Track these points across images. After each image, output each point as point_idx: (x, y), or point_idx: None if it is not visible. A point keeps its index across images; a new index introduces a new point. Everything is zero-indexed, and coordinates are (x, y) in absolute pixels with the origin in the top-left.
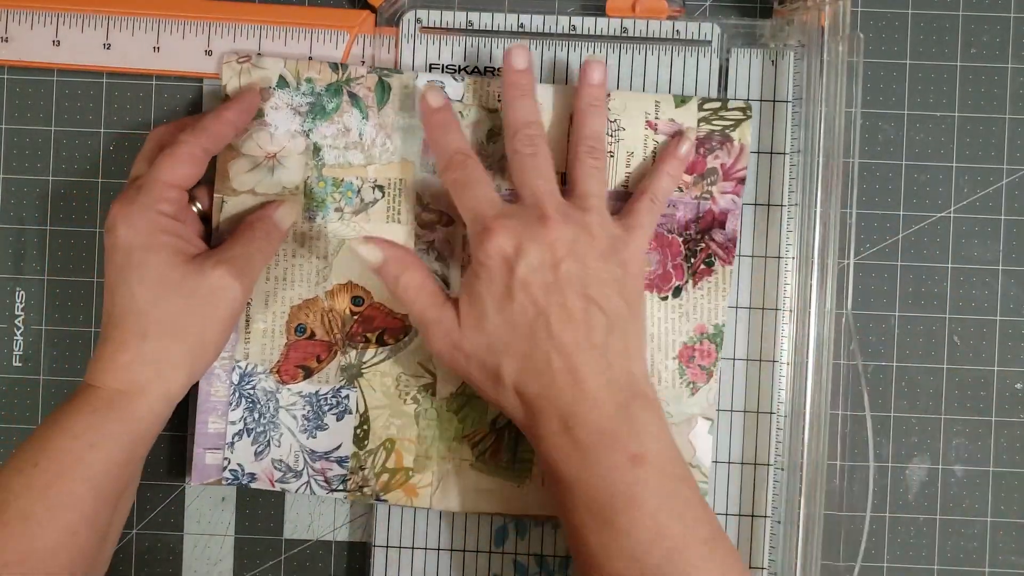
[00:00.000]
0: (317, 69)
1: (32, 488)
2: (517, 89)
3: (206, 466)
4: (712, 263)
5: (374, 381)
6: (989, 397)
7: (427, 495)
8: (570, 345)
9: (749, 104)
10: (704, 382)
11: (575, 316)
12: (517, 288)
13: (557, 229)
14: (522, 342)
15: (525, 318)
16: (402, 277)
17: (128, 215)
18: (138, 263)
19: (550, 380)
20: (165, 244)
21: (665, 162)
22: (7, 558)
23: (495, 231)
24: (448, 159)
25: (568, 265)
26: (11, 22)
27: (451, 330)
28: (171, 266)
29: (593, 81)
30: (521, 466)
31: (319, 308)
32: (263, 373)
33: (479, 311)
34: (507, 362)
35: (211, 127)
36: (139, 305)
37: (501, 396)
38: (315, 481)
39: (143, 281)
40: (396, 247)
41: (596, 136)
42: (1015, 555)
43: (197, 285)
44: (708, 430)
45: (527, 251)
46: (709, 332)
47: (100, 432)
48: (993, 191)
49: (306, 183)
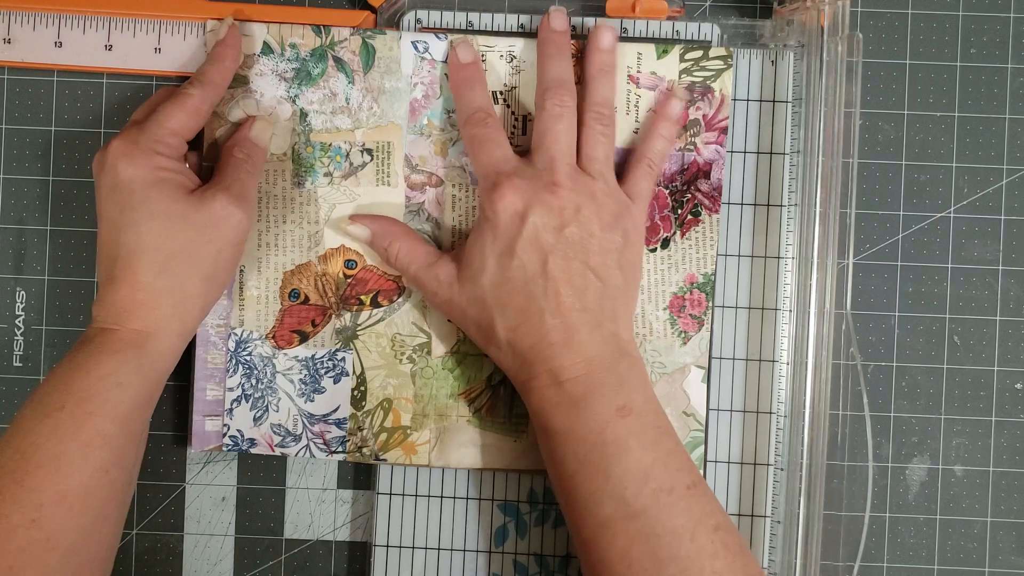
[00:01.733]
0: (300, 34)
1: (61, 430)
2: (554, 46)
3: (206, 433)
4: (699, 213)
5: (370, 343)
6: (989, 397)
7: (425, 452)
8: (565, 306)
9: (731, 52)
10: (695, 331)
11: (573, 280)
12: (521, 246)
13: (565, 195)
14: (518, 297)
15: (523, 275)
16: (391, 247)
17: (130, 153)
18: (143, 199)
19: (542, 336)
20: (168, 179)
21: (657, 125)
22: (43, 499)
23: (506, 189)
24: (470, 114)
25: (572, 230)
26: (14, 24)
27: (446, 284)
28: (176, 200)
29: (603, 46)
30: (518, 421)
31: (312, 273)
32: (259, 339)
33: (479, 264)
34: (500, 316)
35: (216, 79)
36: (150, 240)
37: (494, 348)
38: (314, 444)
39: (152, 216)
40: (381, 220)
41: (605, 102)
42: (1015, 555)
43: (205, 216)
44: (701, 378)
45: (535, 212)
46: (699, 281)
47: (125, 371)
48: (993, 191)
49: (294, 149)
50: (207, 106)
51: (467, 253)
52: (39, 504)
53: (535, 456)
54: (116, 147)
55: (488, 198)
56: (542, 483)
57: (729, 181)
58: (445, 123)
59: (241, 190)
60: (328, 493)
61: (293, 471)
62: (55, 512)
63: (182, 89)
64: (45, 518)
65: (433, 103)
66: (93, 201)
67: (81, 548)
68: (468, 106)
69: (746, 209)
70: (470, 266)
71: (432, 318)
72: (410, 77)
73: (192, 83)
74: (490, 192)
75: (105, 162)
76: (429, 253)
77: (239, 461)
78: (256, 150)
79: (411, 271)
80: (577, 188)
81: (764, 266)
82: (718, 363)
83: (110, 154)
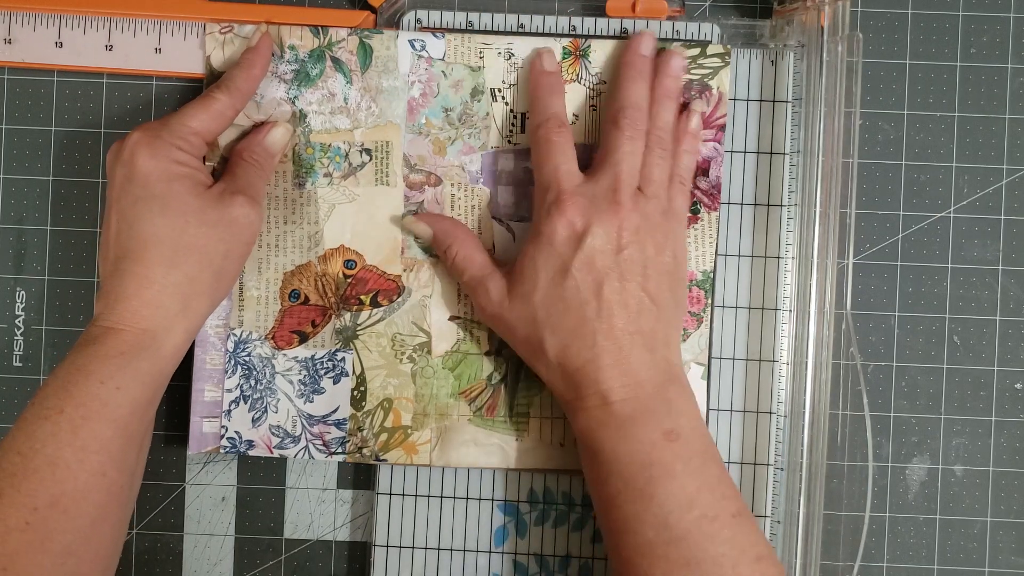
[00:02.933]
0: (299, 35)
1: (59, 434)
2: (636, 70)
3: (203, 434)
4: (698, 210)
5: (370, 342)
6: (989, 397)
7: (426, 452)
8: (618, 328)
9: (729, 49)
10: (695, 328)
11: (628, 303)
12: (576, 266)
13: (626, 216)
14: (570, 318)
15: (578, 296)
16: (451, 248)
17: (151, 145)
18: (160, 193)
19: (593, 357)
20: (186, 175)
21: (682, 142)
22: (37, 502)
23: (568, 206)
24: (544, 120)
25: (630, 252)
26: (14, 24)
27: (496, 300)
28: (193, 195)
29: (672, 72)
30: (518, 420)
31: (312, 273)
32: (258, 340)
33: (531, 282)
34: (551, 335)
35: (243, 87)
36: (164, 234)
37: (542, 366)
38: (313, 445)
39: (167, 210)
40: (444, 220)
41: (666, 127)
42: (1015, 555)
43: (221, 214)
44: (701, 375)
45: (593, 232)
46: (698, 279)
47: (126, 374)
48: (993, 191)
49: (294, 150)
50: (231, 112)
51: (519, 269)
52: (33, 508)
53: (536, 455)
54: (136, 139)
55: (547, 213)
56: (542, 483)
57: (729, 181)
58: (443, 122)
59: (256, 193)
60: (328, 493)
61: (293, 471)
62: (49, 515)
63: (209, 91)
64: (39, 521)
65: (431, 102)
66: (93, 201)
67: (79, 549)
68: (545, 111)
69: (746, 209)
70: (522, 283)
71: (432, 317)
72: (407, 76)
73: (219, 87)
74: (551, 207)
75: (122, 154)
76: (484, 264)
77: (239, 461)
78: (267, 157)
79: (464, 278)
80: (637, 210)
81: (764, 266)
82: (718, 363)
83: (128, 145)
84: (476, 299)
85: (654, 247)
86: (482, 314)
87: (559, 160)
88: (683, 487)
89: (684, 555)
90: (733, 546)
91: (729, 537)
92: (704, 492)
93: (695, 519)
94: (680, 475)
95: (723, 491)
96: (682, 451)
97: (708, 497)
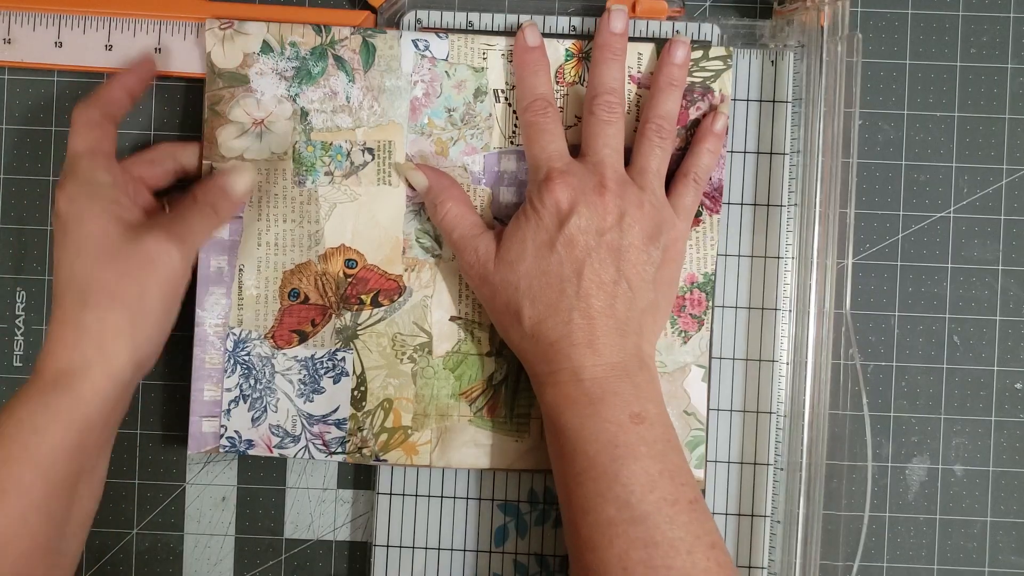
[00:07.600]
0: (300, 33)
1: None
2: (610, 51)
3: (203, 434)
4: (700, 213)
5: (370, 342)
6: (989, 397)
7: (426, 453)
8: (594, 309)
9: (731, 52)
10: (696, 331)
11: (605, 285)
12: (561, 242)
13: (611, 199)
14: (550, 292)
15: (559, 271)
16: (442, 205)
17: (63, 187)
18: (75, 235)
19: (568, 333)
20: (100, 212)
21: (704, 140)
22: None
23: (556, 183)
24: (530, 101)
25: (613, 235)
26: (14, 24)
27: (484, 260)
28: (107, 234)
29: (676, 60)
30: (519, 421)
31: (312, 272)
32: (258, 339)
33: (518, 251)
34: (530, 305)
35: (102, 92)
36: (78, 276)
37: (515, 335)
38: (313, 445)
39: (80, 252)
40: (442, 176)
41: (667, 116)
42: (1015, 555)
43: (133, 251)
44: (701, 377)
45: (580, 211)
46: (699, 281)
47: (44, 416)
48: (993, 191)
49: (295, 148)
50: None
51: (508, 237)
52: None
53: (536, 456)
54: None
55: (537, 189)
56: (542, 483)
57: (729, 181)
58: (446, 122)
59: (184, 231)
60: (328, 493)
61: (293, 471)
62: None
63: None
64: None
65: (434, 102)
66: None
67: None
68: (530, 93)
69: (746, 209)
70: (509, 250)
71: (433, 317)
72: (410, 76)
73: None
74: (541, 184)
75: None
76: (475, 224)
77: (239, 461)
78: (223, 200)
79: (453, 236)
80: (624, 195)
81: (764, 266)
82: (718, 363)
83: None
84: (463, 257)
85: (641, 236)
86: (467, 273)
87: (548, 140)
88: (646, 469)
89: (643, 536)
90: (689, 531)
91: (686, 522)
92: (665, 477)
93: (656, 501)
94: (644, 457)
95: (682, 479)
96: (647, 435)
97: (669, 482)
